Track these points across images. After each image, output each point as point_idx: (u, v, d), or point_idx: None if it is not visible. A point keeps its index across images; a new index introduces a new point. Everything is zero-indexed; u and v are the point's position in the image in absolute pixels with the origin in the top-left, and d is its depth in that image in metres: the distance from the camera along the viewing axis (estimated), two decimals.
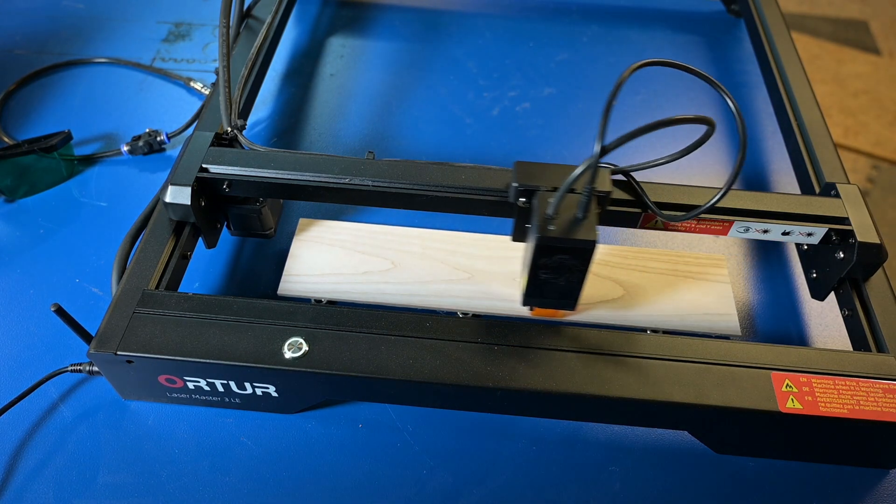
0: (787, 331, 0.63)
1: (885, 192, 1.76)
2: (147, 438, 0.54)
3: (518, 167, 0.54)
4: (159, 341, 0.50)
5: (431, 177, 0.57)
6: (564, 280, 0.51)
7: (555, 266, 0.50)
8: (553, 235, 0.48)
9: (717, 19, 1.00)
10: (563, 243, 0.48)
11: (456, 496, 0.52)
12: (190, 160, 0.58)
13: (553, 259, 0.49)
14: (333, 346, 0.50)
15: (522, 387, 0.49)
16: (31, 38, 0.90)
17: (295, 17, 0.95)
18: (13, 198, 0.71)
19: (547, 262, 0.49)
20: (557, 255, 0.49)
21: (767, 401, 0.48)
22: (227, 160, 0.58)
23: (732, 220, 0.57)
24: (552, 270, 0.50)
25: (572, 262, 0.49)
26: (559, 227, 0.48)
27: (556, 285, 0.52)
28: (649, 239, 0.70)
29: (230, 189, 0.58)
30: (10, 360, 0.58)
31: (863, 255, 0.55)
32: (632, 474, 0.54)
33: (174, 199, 0.56)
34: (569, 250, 0.48)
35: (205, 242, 0.61)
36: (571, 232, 0.48)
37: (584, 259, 0.49)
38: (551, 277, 0.51)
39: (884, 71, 2.07)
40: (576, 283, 0.51)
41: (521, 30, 0.96)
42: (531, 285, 0.52)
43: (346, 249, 0.64)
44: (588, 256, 0.49)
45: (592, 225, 0.48)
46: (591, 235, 0.48)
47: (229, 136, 0.62)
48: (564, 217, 0.49)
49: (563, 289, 0.52)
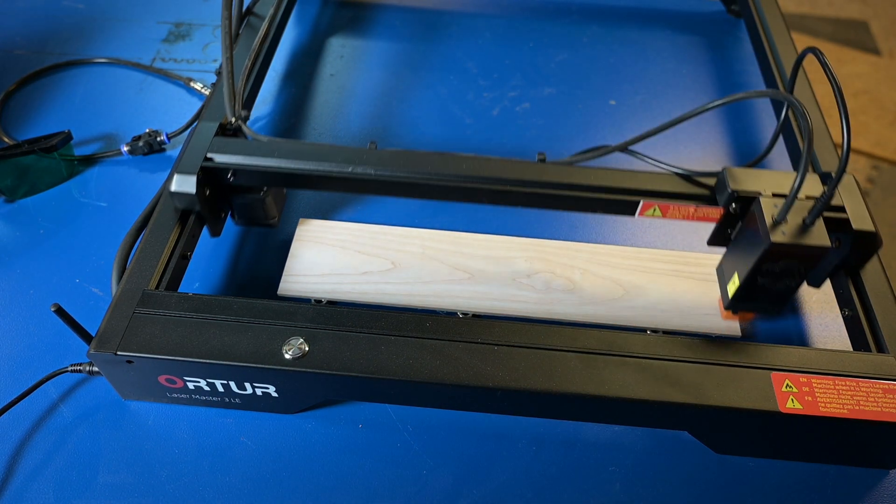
0: (787, 331, 0.63)
1: (885, 192, 1.76)
2: (147, 438, 0.54)
3: (730, 173, 0.54)
4: (159, 341, 0.50)
5: (432, 166, 0.57)
6: (783, 285, 0.52)
7: (778, 271, 0.51)
8: (786, 241, 0.49)
9: (717, 19, 1.00)
10: (798, 249, 0.49)
11: (456, 496, 0.52)
12: (195, 149, 0.58)
13: (778, 264, 0.50)
14: (333, 346, 0.50)
15: (522, 387, 0.49)
16: (31, 38, 0.90)
17: (295, 17, 0.95)
18: (13, 198, 0.71)
19: (771, 267, 0.51)
20: (784, 261, 0.50)
21: (767, 401, 0.48)
22: (231, 150, 0.58)
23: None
24: (773, 276, 0.51)
25: (798, 267, 0.51)
26: (790, 232, 0.49)
27: (772, 290, 0.53)
28: (649, 239, 0.70)
29: (235, 178, 0.58)
30: (10, 360, 0.58)
31: (858, 242, 0.56)
32: (632, 474, 0.54)
33: (180, 187, 0.56)
34: (800, 256, 0.49)
35: (210, 231, 0.62)
36: (804, 238, 0.49)
37: (811, 264, 0.50)
38: (768, 282, 0.52)
39: (884, 71, 2.07)
40: (793, 288, 0.53)
41: (521, 30, 0.96)
42: (745, 290, 0.53)
43: (346, 249, 0.64)
44: (817, 261, 0.50)
45: (822, 229, 0.50)
46: (824, 241, 0.49)
47: (233, 127, 0.63)
48: (793, 223, 0.50)
49: (777, 293, 0.53)
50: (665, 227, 0.72)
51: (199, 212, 0.59)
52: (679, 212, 0.57)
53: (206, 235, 0.65)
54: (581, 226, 0.71)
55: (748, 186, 0.53)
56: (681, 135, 0.82)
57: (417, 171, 0.57)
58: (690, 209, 0.57)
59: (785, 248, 0.49)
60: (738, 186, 0.53)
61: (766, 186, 0.53)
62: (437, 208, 0.71)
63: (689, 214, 0.57)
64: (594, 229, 0.71)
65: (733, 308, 0.55)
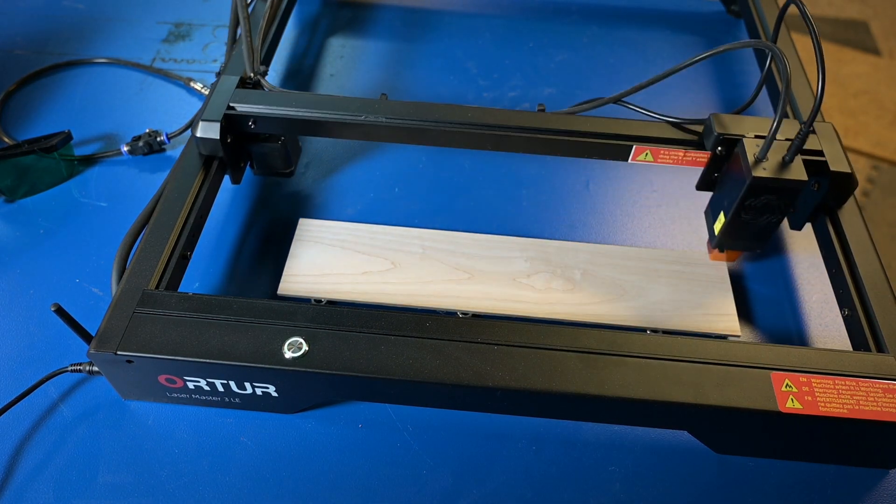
0: (786, 331, 0.63)
1: (884, 192, 1.76)
2: (147, 438, 0.54)
3: (716, 118, 0.59)
4: (159, 341, 0.50)
5: (440, 114, 0.62)
6: (765, 221, 0.57)
7: (760, 207, 0.56)
8: (767, 176, 0.53)
9: (717, 20, 1.00)
10: (777, 183, 0.54)
11: (456, 496, 0.52)
12: (218, 99, 0.63)
13: (760, 200, 0.55)
14: (333, 346, 0.50)
15: (522, 387, 0.49)
16: (31, 38, 0.90)
17: (295, 17, 0.95)
18: (13, 198, 0.71)
19: (753, 202, 0.55)
20: (765, 196, 0.55)
21: (767, 401, 0.48)
22: (252, 100, 0.63)
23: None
24: (756, 211, 0.56)
25: (778, 202, 0.55)
26: (771, 168, 0.54)
27: (755, 226, 0.58)
28: (649, 239, 0.70)
29: (255, 126, 0.62)
30: (11, 359, 0.58)
31: (835, 182, 0.60)
32: (632, 474, 0.54)
33: (204, 133, 0.61)
34: (779, 190, 0.54)
35: (231, 178, 0.66)
36: (783, 173, 0.54)
37: (790, 199, 0.55)
38: (752, 219, 0.57)
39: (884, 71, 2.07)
40: (773, 224, 0.58)
41: (521, 30, 0.96)
42: (730, 227, 0.58)
43: (346, 249, 0.64)
44: (796, 196, 0.55)
45: (800, 166, 0.54)
46: (801, 175, 0.54)
47: (253, 81, 0.67)
48: (773, 160, 0.55)
49: (760, 230, 0.58)
50: (665, 227, 0.72)
51: (222, 159, 0.63)
52: (669, 156, 0.62)
53: (207, 234, 0.65)
54: (581, 226, 0.71)
55: (733, 130, 0.58)
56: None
57: (426, 119, 0.62)
58: (680, 153, 0.61)
59: (766, 183, 0.54)
60: (723, 130, 0.58)
61: (749, 130, 0.58)
62: (438, 207, 0.71)
63: (679, 159, 0.62)
64: (594, 229, 0.71)
65: (720, 245, 0.60)
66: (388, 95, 0.65)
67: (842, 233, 0.60)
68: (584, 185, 0.75)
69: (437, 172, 0.75)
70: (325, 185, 0.74)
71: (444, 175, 0.75)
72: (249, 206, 0.71)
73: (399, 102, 0.63)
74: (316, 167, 0.75)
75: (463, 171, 0.76)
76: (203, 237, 0.63)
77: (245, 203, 0.71)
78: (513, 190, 0.74)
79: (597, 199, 0.74)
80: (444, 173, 0.75)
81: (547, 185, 0.75)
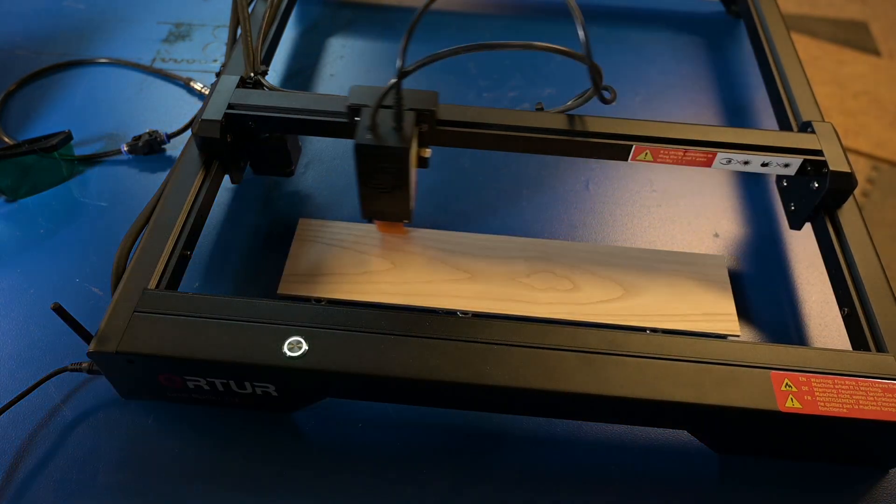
0: (786, 330, 0.63)
1: (884, 193, 1.76)
2: (147, 438, 0.54)
3: (352, 90, 0.59)
4: (159, 341, 0.50)
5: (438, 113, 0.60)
6: (391, 189, 0.56)
7: (377, 174, 0.55)
8: (368, 143, 0.53)
9: (716, 20, 1.00)
10: (378, 150, 0.53)
11: (456, 496, 0.52)
12: (218, 99, 0.63)
13: (374, 167, 0.55)
14: (333, 345, 0.50)
15: (522, 387, 0.49)
16: (31, 38, 0.90)
17: (295, 17, 0.95)
18: (13, 198, 0.71)
19: (369, 169, 0.55)
20: (376, 163, 0.54)
21: (767, 400, 0.48)
22: (252, 100, 0.63)
23: (716, 151, 0.61)
24: (378, 179, 0.56)
25: (391, 168, 0.55)
26: (376, 135, 0.53)
27: (387, 195, 0.57)
28: (649, 239, 0.70)
29: (255, 125, 0.63)
30: (11, 359, 0.58)
31: (835, 182, 0.60)
32: (632, 474, 0.54)
33: (204, 132, 0.60)
34: (384, 157, 0.54)
35: (231, 178, 0.66)
36: (386, 140, 0.53)
37: (400, 165, 0.54)
38: (379, 186, 0.56)
39: (884, 72, 2.07)
40: (402, 193, 0.57)
41: (521, 30, 0.96)
42: (364, 197, 0.58)
43: (346, 249, 0.64)
44: (401, 163, 0.54)
45: (407, 134, 0.54)
46: (402, 143, 0.53)
47: (252, 80, 0.67)
48: (382, 128, 0.54)
49: (393, 200, 0.58)
50: (665, 227, 0.72)
51: (222, 159, 0.62)
52: (669, 156, 0.61)
53: (207, 234, 0.65)
54: (581, 226, 0.71)
55: (360, 100, 0.58)
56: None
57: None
58: (680, 153, 0.61)
59: (368, 149, 0.54)
60: (353, 101, 0.58)
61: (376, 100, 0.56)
62: (437, 208, 0.71)
63: (679, 158, 0.61)
64: (594, 229, 0.71)
65: (367, 216, 0.60)
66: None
67: (841, 233, 0.60)
68: (584, 185, 0.75)
69: (437, 172, 0.75)
70: (325, 185, 0.74)
71: (444, 175, 0.75)
72: (249, 206, 0.71)
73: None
74: (316, 167, 0.75)
75: (463, 171, 0.76)
76: (203, 237, 0.63)
77: (245, 203, 0.71)
78: (513, 190, 0.74)
79: (597, 199, 0.74)
80: (444, 173, 0.75)
81: (547, 185, 0.75)
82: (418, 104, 0.57)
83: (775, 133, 0.63)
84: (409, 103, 0.57)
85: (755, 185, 0.77)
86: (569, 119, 0.63)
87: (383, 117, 0.55)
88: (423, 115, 0.58)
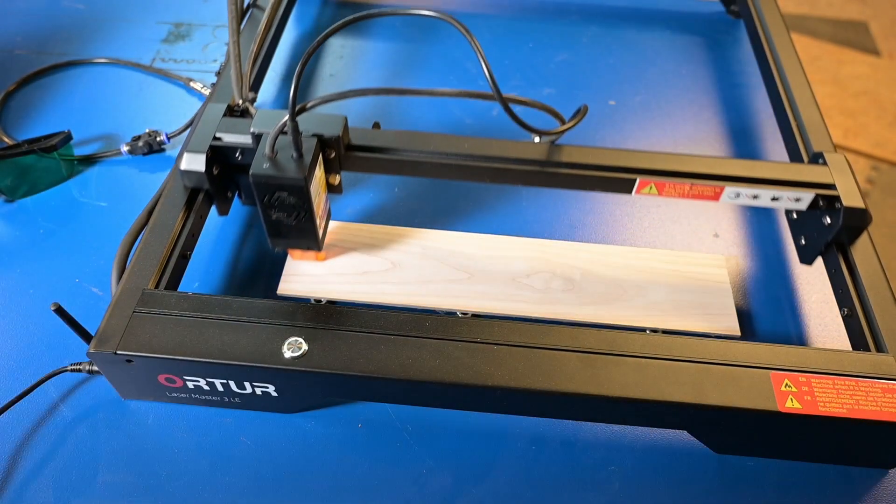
0: (786, 331, 0.63)
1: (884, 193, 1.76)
2: (147, 438, 0.54)
3: (257, 115, 0.56)
4: (159, 341, 0.50)
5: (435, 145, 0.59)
6: (296, 220, 0.54)
7: (278, 205, 0.53)
8: (264, 173, 0.50)
9: (716, 20, 1.00)
10: (277, 180, 0.51)
11: (456, 496, 0.52)
12: (204, 129, 0.60)
13: (274, 197, 0.52)
14: (333, 345, 0.50)
15: (522, 387, 0.49)
16: (31, 38, 0.90)
17: (295, 16, 0.95)
18: (13, 198, 0.71)
19: (270, 200, 0.52)
20: (276, 193, 0.52)
21: (766, 400, 0.49)
22: (239, 129, 0.60)
23: (724, 185, 0.58)
24: (280, 209, 0.53)
25: (291, 199, 0.52)
26: (274, 164, 0.51)
27: (292, 225, 0.54)
28: (649, 239, 0.70)
29: (242, 157, 0.59)
30: (10, 359, 0.58)
31: (848, 218, 0.57)
32: (632, 474, 0.54)
33: (189, 165, 0.58)
34: (283, 188, 0.51)
35: (218, 209, 0.63)
36: (284, 170, 0.51)
37: (301, 196, 0.52)
38: (283, 217, 0.54)
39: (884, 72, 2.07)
40: (307, 223, 0.54)
41: (521, 30, 0.96)
42: (267, 226, 0.55)
43: (347, 250, 0.64)
44: (302, 193, 0.51)
45: (305, 164, 0.51)
46: (300, 173, 0.50)
47: (241, 108, 0.65)
48: (282, 156, 0.51)
49: (300, 229, 0.55)
50: (665, 227, 0.72)
51: (208, 190, 0.60)
52: (675, 189, 0.59)
53: (207, 234, 0.65)
54: (581, 226, 0.71)
55: (265, 126, 0.55)
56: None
57: (420, 150, 0.59)
58: (686, 186, 0.59)
59: (265, 179, 0.51)
60: (256, 126, 0.55)
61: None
62: (437, 208, 0.72)
63: (685, 192, 0.59)
64: (594, 229, 0.71)
65: (272, 244, 0.57)
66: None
67: (855, 271, 0.58)
68: None
69: None
70: None
71: None
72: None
73: (392, 132, 0.60)
74: None
75: None
76: (203, 237, 0.63)
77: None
78: (513, 190, 0.74)
79: (597, 199, 0.74)
80: None
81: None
82: (323, 130, 0.55)
83: (785, 165, 0.61)
84: (314, 128, 0.54)
85: None
86: (570, 151, 0.60)
87: (284, 144, 0.52)
88: (327, 141, 0.55)
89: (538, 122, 0.58)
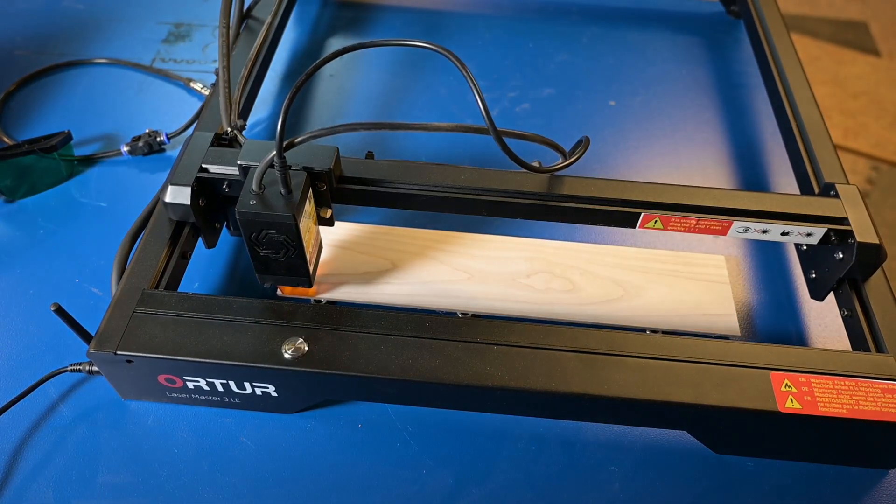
0: (786, 331, 0.63)
1: (884, 193, 1.76)
2: (147, 438, 0.54)
3: (245, 145, 0.54)
4: (159, 341, 0.50)
5: (430, 176, 0.57)
6: (285, 256, 0.52)
7: (266, 242, 0.50)
8: (251, 210, 0.48)
9: (716, 20, 1.00)
10: (264, 217, 0.48)
11: (456, 496, 0.52)
12: (190, 160, 0.57)
13: (262, 234, 0.50)
14: (333, 346, 0.50)
15: (522, 387, 0.49)
16: (31, 38, 0.90)
17: (295, 17, 0.95)
18: (13, 198, 0.71)
19: (257, 237, 0.50)
20: (264, 230, 0.49)
21: (766, 401, 0.49)
22: (226, 160, 0.57)
23: (731, 220, 0.57)
24: (268, 247, 0.51)
25: (279, 237, 0.50)
26: (262, 201, 0.48)
27: (281, 262, 0.52)
28: (649, 239, 0.70)
29: (230, 189, 0.57)
30: (10, 359, 0.58)
31: (862, 255, 0.55)
32: (631, 474, 0.54)
33: (174, 198, 0.56)
34: (271, 225, 0.49)
35: (204, 242, 0.61)
36: (272, 207, 0.48)
37: (289, 234, 0.49)
38: (272, 253, 0.51)
39: (884, 72, 2.07)
40: (297, 259, 0.52)
41: (521, 30, 0.96)
42: (256, 261, 0.52)
43: (346, 249, 0.64)
44: (291, 231, 0.49)
45: (295, 200, 0.49)
46: (289, 210, 0.48)
47: (229, 137, 0.62)
48: (269, 192, 0.49)
49: (289, 265, 0.52)
50: None
51: (194, 223, 0.58)
52: (681, 224, 0.57)
53: None
54: (581, 226, 0.71)
55: (253, 158, 0.52)
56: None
57: (415, 183, 0.57)
58: (692, 221, 0.57)
59: (252, 217, 0.48)
60: (243, 158, 0.53)
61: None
62: None
63: (691, 227, 0.57)
64: (594, 229, 0.71)
65: (260, 279, 0.55)
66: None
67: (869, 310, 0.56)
68: None
69: None
70: None
71: None
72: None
73: (386, 162, 0.58)
74: None
75: None
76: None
77: None
78: None
79: None
80: None
81: None
82: (313, 162, 0.52)
83: (795, 198, 0.59)
84: (304, 160, 0.52)
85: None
86: (572, 183, 0.58)
87: (273, 179, 0.49)
88: (318, 174, 0.53)
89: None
